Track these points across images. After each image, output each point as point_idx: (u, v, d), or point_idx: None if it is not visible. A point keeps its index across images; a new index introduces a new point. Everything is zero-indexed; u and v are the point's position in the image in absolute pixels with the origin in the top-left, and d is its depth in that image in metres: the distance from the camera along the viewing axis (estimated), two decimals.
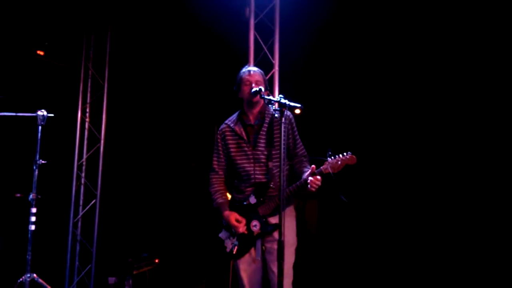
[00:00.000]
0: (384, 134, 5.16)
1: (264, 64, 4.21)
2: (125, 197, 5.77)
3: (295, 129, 3.00)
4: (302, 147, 3.01)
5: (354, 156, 2.71)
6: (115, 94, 5.56)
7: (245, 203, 2.92)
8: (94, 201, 5.35)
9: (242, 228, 2.87)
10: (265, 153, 2.87)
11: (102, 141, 5.42)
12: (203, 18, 4.97)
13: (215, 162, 3.05)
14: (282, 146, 2.38)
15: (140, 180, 5.87)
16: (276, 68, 4.25)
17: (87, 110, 5.46)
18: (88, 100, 5.47)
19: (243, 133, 2.94)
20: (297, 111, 2.50)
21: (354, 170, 2.83)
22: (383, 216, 5.23)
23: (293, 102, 2.48)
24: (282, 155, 2.40)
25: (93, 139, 5.47)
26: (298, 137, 3.00)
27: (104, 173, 5.39)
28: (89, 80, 5.49)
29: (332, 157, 2.71)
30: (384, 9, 4.70)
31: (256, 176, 2.88)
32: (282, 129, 2.40)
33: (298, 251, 2.92)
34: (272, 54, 4.29)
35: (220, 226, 3.01)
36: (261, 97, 2.78)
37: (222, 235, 2.98)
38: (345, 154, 2.71)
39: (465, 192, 4.60)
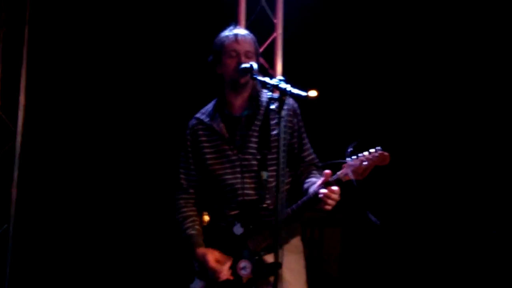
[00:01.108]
0: (427, 123, 5.32)
1: (260, 24, 4.25)
2: (53, 219, 5.77)
3: (302, 124, 3.01)
4: (311, 150, 3.04)
5: (386, 153, 2.68)
6: (39, 65, 5.56)
7: (225, 231, 2.94)
8: (5, 226, 5.37)
9: (225, 273, 2.87)
10: (258, 157, 2.89)
11: (18, 136, 5.45)
12: None
13: (183, 176, 3.07)
14: (281, 148, 2.41)
15: (75, 194, 5.88)
16: (279, 31, 4.30)
17: None
18: None
19: (224, 130, 2.96)
20: (313, 93, 2.53)
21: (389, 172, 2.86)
22: (438, 243, 5.36)
23: (298, 88, 2.50)
24: (281, 160, 2.42)
25: (5, 133, 5.49)
26: (305, 136, 3.02)
27: (21, 184, 5.41)
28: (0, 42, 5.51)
29: (354, 157, 2.70)
30: None
31: (246, 192, 2.90)
32: (282, 125, 2.42)
33: None
34: (273, 10, 4.33)
35: (192, 270, 3.01)
36: (253, 78, 2.79)
37: (196, 285, 2.98)
38: (372, 151, 2.69)
39: None
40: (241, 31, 3.01)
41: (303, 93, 2.46)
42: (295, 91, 2.49)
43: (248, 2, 4.33)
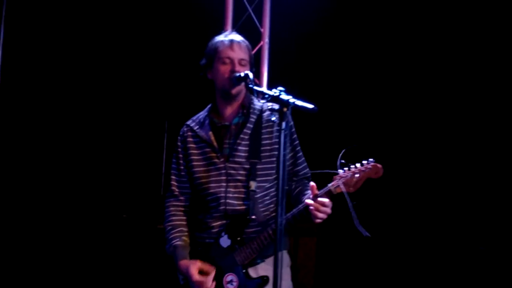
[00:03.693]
0: (421, 133, 5.34)
1: (246, 33, 4.23)
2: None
3: (295, 136, 2.99)
4: (305, 164, 3.02)
5: (379, 165, 2.68)
6: (14, 65, 5.44)
7: (211, 243, 2.88)
8: None
9: (210, 285, 2.82)
10: (246, 167, 2.86)
11: None
12: None
13: (175, 183, 3.03)
14: (281, 164, 2.34)
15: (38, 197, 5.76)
16: (266, 39, 4.31)
17: None
18: None
19: (212, 138, 2.92)
20: None
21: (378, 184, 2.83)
22: (421, 257, 5.38)
23: (299, 98, 2.41)
24: (281, 173, 2.35)
25: None
26: (299, 149, 3.01)
27: None
28: None
29: (345, 168, 2.69)
30: None
31: (229, 201, 2.86)
32: (282, 138, 2.35)
33: None
34: (260, 19, 4.35)
35: (176, 284, 2.96)
36: (248, 88, 2.76)
37: None
38: (364, 162, 2.69)
39: None
40: (237, 37, 2.96)
41: (310, 106, 2.38)
42: (300, 103, 2.40)
43: (235, 10, 4.34)
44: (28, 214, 5.70)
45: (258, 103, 3.00)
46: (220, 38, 2.95)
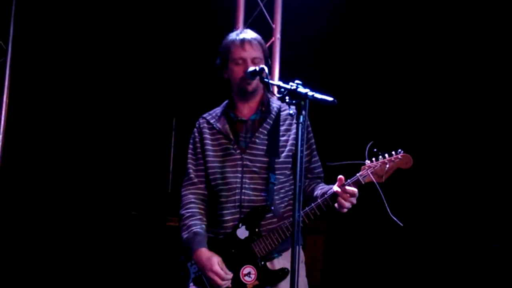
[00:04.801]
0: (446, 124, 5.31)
1: (258, 29, 4.24)
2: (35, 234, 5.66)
3: (311, 135, 3.01)
4: (320, 163, 3.03)
5: (409, 156, 2.68)
6: (23, 64, 5.45)
7: (231, 236, 2.87)
8: None
9: (227, 282, 2.80)
10: (262, 159, 2.87)
11: (0, 137, 5.35)
12: None
13: (192, 171, 3.02)
14: (299, 157, 2.35)
15: (62, 204, 5.77)
16: (277, 35, 4.30)
17: None
18: None
19: (228, 131, 2.94)
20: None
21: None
22: (430, 256, 5.35)
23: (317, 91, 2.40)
24: (299, 167, 2.35)
25: None
26: (315, 147, 3.02)
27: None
28: None
29: (374, 159, 2.70)
30: None
31: (244, 191, 2.86)
32: (300, 132, 2.36)
33: None
34: (272, 14, 4.34)
35: (185, 277, 2.93)
36: (264, 82, 2.75)
37: None
38: (393, 153, 2.69)
39: None
40: (248, 34, 2.95)
41: (329, 98, 2.38)
42: (319, 95, 2.39)
43: (247, 6, 4.33)
44: (38, 211, 5.72)
45: (277, 101, 3.01)
46: (232, 37, 2.95)
